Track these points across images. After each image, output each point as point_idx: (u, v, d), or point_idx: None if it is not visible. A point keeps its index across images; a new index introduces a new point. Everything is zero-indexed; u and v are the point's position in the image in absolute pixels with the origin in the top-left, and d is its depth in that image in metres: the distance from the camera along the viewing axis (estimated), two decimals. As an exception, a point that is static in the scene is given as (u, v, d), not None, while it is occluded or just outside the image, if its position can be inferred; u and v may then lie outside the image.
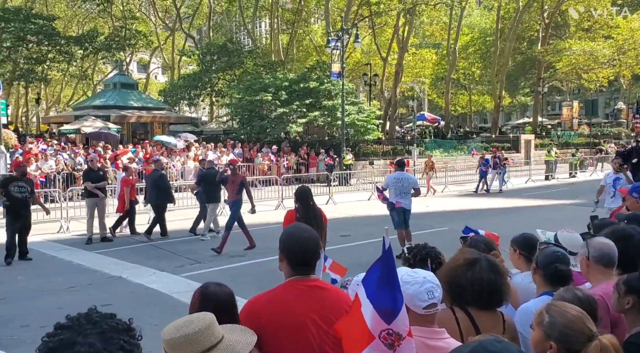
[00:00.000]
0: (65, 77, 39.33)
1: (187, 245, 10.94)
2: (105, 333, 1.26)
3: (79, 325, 1.26)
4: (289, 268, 2.54)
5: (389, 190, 9.69)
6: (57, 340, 1.21)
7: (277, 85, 25.64)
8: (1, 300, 7.35)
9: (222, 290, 2.41)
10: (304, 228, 2.64)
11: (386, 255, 2.00)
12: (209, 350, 1.84)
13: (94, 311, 1.35)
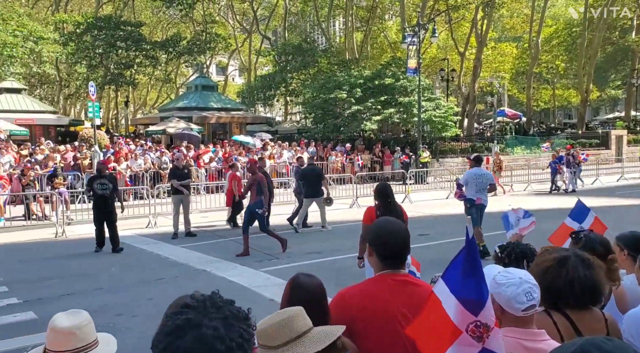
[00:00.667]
0: (151, 80, 41.59)
1: (266, 242, 11.15)
2: (228, 319, 1.26)
3: (204, 307, 1.26)
4: (379, 262, 2.49)
5: (467, 187, 9.43)
6: (184, 318, 1.22)
7: (352, 82, 25.59)
8: (97, 290, 7.84)
9: (312, 281, 2.41)
10: (394, 222, 2.58)
11: (469, 245, 1.94)
12: (298, 337, 1.87)
13: (218, 295, 1.35)
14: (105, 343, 2.01)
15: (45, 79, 34.90)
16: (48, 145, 20.98)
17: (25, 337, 5.87)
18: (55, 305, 7.07)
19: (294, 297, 2.30)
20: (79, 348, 1.90)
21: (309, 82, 33.01)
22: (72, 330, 1.89)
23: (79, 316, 1.95)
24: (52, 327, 1.90)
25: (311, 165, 13.15)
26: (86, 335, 1.92)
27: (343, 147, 24.20)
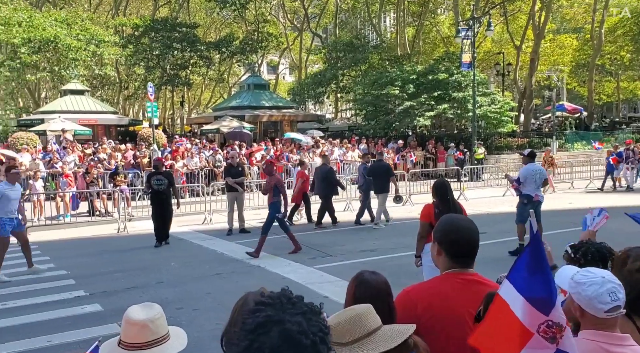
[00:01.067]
0: (204, 80, 42.56)
1: (320, 239, 11.19)
2: (307, 314, 1.25)
3: (280, 303, 1.26)
4: (448, 260, 2.41)
5: (526, 183, 9.21)
6: (264, 315, 1.22)
7: (404, 78, 25.26)
8: (159, 284, 8.08)
9: (377, 278, 2.36)
10: (464, 219, 2.49)
11: (534, 241, 1.83)
12: (368, 335, 1.83)
13: (289, 291, 1.34)
14: (176, 337, 2.03)
15: (106, 80, 36.37)
16: (110, 144, 21.85)
17: (93, 328, 6.12)
18: (120, 298, 7.36)
19: (359, 294, 2.26)
20: (152, 341, 1.93)
21: (360, 78, 32.86)
22: (145, 322, 1.92)
23: (152, 309, 1.98)
24: (127, 319, 1.94)
25: (379, 161, 13.28)
26: (159, 328, 1.95)
27: (395, 144, 23.94)
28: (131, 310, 1.97)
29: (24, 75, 29.04)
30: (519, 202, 9.41)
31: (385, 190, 12.51)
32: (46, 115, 25.62)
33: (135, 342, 1.91)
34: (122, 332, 1.96)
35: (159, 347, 1.94)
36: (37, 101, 35.07)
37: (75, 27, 29.88)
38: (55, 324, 6.29)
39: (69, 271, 8.95)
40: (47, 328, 6.15)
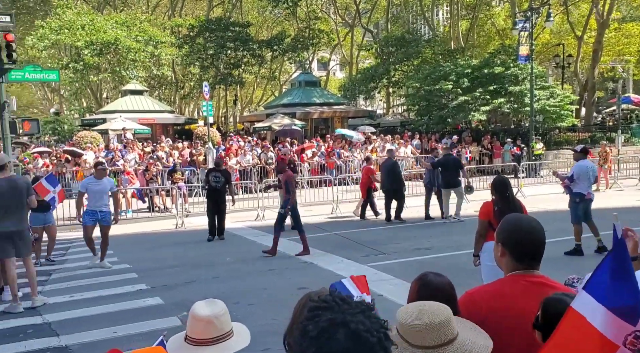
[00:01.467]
0: (256, 78, 43.18)
1: (373, 236, 11.12)
2: (365, 312, 1.25)
3: (337, 305, 1.25)
4: (512, 262, 2.31)
5: (579, 180, 8.87)
6: (326, 319, 1.21)
7: (458, 72, 24.69)
8: (215, 279, 8.28)
9: (441, 280, 2.31)
10: (529, 219, 2.39)
11: (618, 245, 1.72)
12: (443, 345, 1.74)
13: (337, 292, 1.33)
14: (240, 334, 2.06)
15: (163, 80, 37.55)
16: (167, 142, 22.55)
17: (155, 320, 6.33)
18: (179, 292, 7.58)
19: (422, 297, 2.21)
20: (216, 337, 1.96)
21: (412, 73, 32.40)
22: (210, 318, 1.96)
23: (217, 305, 2.02)
24: (193, 315, 1.98)
25: (448, 155, 13.20)
26: (223, 325, 1.98)
27: (449, 139, 23.46)
28: (197, 306, 2.01)
29: (87, 76, 30.40)
30: (571, 201, 9.07)
31: (455, 185, 12.51)
32: (108, 115, 26.73)
33: (201, 338, 1.95)
34: (188, 327, 2.00)
35: (223, 343, 1.97)
36: (99, 101, 36.65)
37: (134, 29, 30.99)
38: (119, 316, 6.55)
39: (131, 265, 9.30)
40: (111, 320, 6.41)
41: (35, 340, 5.86)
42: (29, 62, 27.11)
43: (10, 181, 6.93)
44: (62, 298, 7.39)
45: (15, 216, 6.85)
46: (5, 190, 6.76)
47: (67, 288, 7.98)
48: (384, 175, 13.03)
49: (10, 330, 6.23)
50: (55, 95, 50.49)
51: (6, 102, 13.63)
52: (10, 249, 6.88)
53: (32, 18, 35.81)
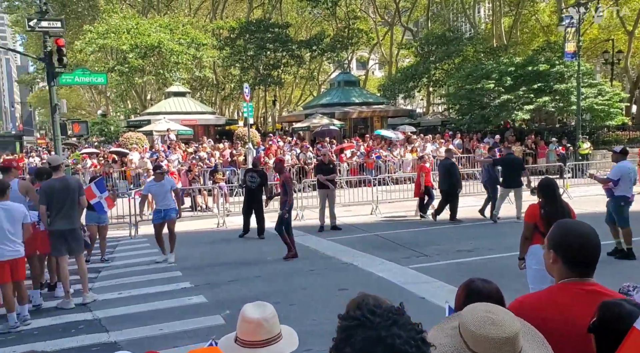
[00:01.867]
0: (295, 79, 43.44)
1: (414, 237, 11.02)
2: (398, 322, 1.24)
3: (368, 320, 1.24)
4: (565, 269, 2.25)
5: (621, 182, 8.53)
6: (361, 340, 1.21)
7: (501, 70, 24.17)
8: (257, 278, 8.38)
9: (490, 286, 2.27)
10: (583, 224, 2.31)
11: None
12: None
13: (367, 303, 1.32)
14: (289, 336, 2.08)
15: (205, 82, 38.27)
16: (209, 143, 22.98)
17: (199, 318, 6.47)
18: (222, 291, 7.72)
19: (470, 303, 2.18)
20: (266, 340, 1.99)
21: (453, 72, 31.91)
22: (260, 321, 1.99)
23: (266, 309, 2.05)
24: (243, 317, 2.02)
25: (510, 154, 13.06)
26: (273, 327, 2.01)
27: (491, 139, 22.99)
28: (246, 308, 2.05)
29: (131, 78, 31.32)
30: (615, 205, 8.64)
31: (515, 185, 12.25)
32: (152, 117, 27.46)
33: (251, 340, 1.99)
34: (238, 329, 2.04)
35: (273, 345, 2.00)
36: (143, 103, 37.67)
37: (177, 32, 31.71)
38: (165, 314, 6.72)
39: (175, 263, 9.52)
40: (158, 317, 6.59)
41: (86, 335, 6.08)
42: (77, 66, 28.12)
43: (63, 181, 7.23)
44: (110, 295, 7.64)
45: (68, 215, 7.14)
46: (58, 190, 7.05)
47: (116, 285, 8.25)
48: (441, 175, 12.98)
49: (64, 325, 6.50)
50: (102, 97, 52.23)
51: (57, 105, 14.20)
52: (64, 248, 7.17)
53: (81, 23, 37.17)
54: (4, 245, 6.24)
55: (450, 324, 1.81)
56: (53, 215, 7.07)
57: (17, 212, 6.41)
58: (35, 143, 51.96)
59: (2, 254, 6.24)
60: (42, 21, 13.68)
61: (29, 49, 46.24)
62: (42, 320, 6.69)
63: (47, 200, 7.01)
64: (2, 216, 6.27)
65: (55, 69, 13.85)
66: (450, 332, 1.75)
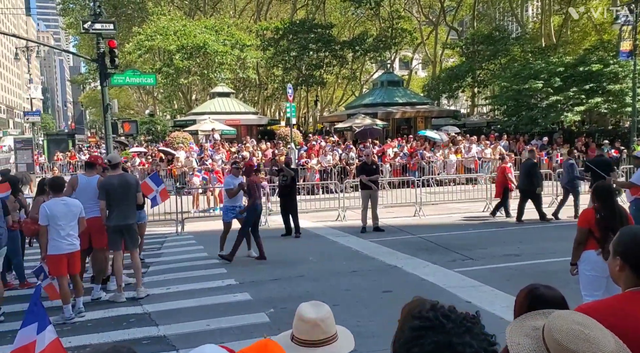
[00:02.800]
0: (337, 79, 43.47)
1: (458, 240, 10.84)
2: (471, 330, 1.21)
3: (441, 325, 1.22)
4: (633, 277, 2.17)
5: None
6: (431, 342, 1.19)
7: (550, 70, 23.48)
8: (300, 277, 8.43)
9: (553, 293, 2.21)
10: None
11: None
12: None
13: (440, 305, 1.30)
14: (345, 338, 2.08)
15: (248, 82, 38.78)
16: (252, 143, 23.27)
17: (244, 315, 6.57)
18: (266, 288, 7.81)
19: (533, 310, 2.12)
20: (322, 340, 2.00)
21: (499, 72, 31.20)
22: (317, 321, 2.00)
23: (322, 309, 2.05)
24: (300, 316, 2.03)
25: (600, 156, 12.97)
26: (329, 328, 2.02)
27: (539, 141, 22.36)
28: (303, 308, 2.06)
29: (177, 79, 32.07)
30: (637, 210, 8.42)
31: None
32: (197, 117, 28.02)
33: (308, 339, 2.00)
34: (295, 328, 2.05)
35: (329, 345, 2.01)
36: (189, 103, 38.52)
37: (222, 33, 32.26)
38: (211, 309, 6.85)
39: (220, 260, 9.69)
40: (204, 312, 6.72)
41: (137, 328, 6.27)
42: (127, 67, 29.03)
43: (121, 178, 7.49)
44: (159, 290, 7.85)
45: (126, 211, 7.40)
46: (117, 187, 7.32)
47: (164, 280, 8.46)
48: (522, 175, 12.91)
49: (116, 318, 6.72)
50: (149, 98, 53.70)
51: (109, 105, 14.68)
52: (120, 242, 7.43)
53: (130, 25, 38.33)
54: (63, 240, 6.52)
55: (530, 323, 1.75)
56: (111, 211, 7.33)
57: (75, 206, 6.71)
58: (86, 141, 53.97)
59: (62, 248, 6.53)
60: (96, 23, 14.17)
61: (81, 50, 48.12)
62: (95, 312, 6.93)
63: (107, 196, 7.28)
64: (63, 211, 6.56)
65: (108, 70, 14.33)
66: (531, 333, 1.69)
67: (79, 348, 5.54)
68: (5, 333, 6.14)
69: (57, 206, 6.56)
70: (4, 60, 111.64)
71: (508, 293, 6.83)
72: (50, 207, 6.55)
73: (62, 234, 6.50)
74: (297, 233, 11.85)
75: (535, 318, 1.78)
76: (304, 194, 16.75)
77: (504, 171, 13.35)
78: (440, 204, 15.67)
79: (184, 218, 13.38)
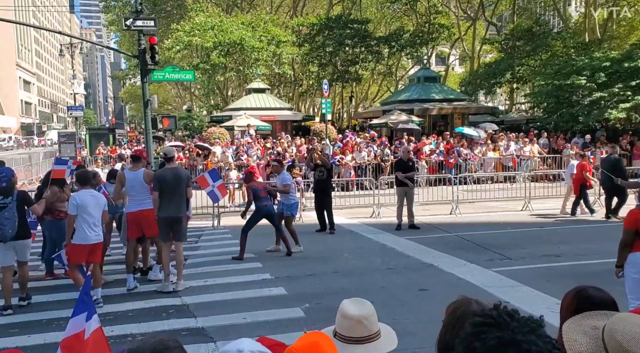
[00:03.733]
0: (373, 75, 43.18)
1: (496, 239, 10.64)
2: (536, 331, 1.19)
3: (505, 322, 1.20)
4: None
5: None
6: (494, 337, 1.17)
7: (594, 66, 22.72)
8: (335, 273, 8.45)
9: (602, 294, 2.14)
10: None
11: None
12: None
13: (503, 306, 1.28)
14: (387, 336, 2.07)
15: (283, 78, 38.95)
16: (287, 139, 23.40)
17: (279, 310, 6.63)
18: (301, 283, 7.86)
19: (581, 312, 2.06)
20: (365, 337, 2.00)
21: (540, 68, 30.40)
22: (360, 319, 2.00)
23: (365, 306, 2.05)
24: (343, 313, 2.03)
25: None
26: (372, 325, 2.01)
27: (581, 139, 21.71)
28: (346, 305, 2.06)
29: (214, 75, 32.48)
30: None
31: None
32: (233, 112, 28.34)
33: (351, 336, 2.00)
34: (338, 324, 2.06)
35: (372, 343, 2.00)
36: (225, 99, 38.98)
37: (259, 29, 32.48)
38: (247, 303, 6.93)
39: (255, 254, 9.79)
40: (241, 306, 6.81)
41: (176, 320, 6.41)
42: (165, 63, 29.56)
43: (174, 171, 7.69)
44: (196, 283, 7.99)
45: (177, 204, 7.58)
46: (169, 179, 7.51)
47: (201, 273, 8.61)
48: (607, 171, 12.54)
49: (155, 308, 6.89)
50: (186, 93, 54.64)
51: (149, 100, 15.00)
52: (168, 234, 7.61)
53: (169, 21, 39.04)
54: (91, 230, 6.84)
55: (589, 322, 1.72)
56: (162, 203, 7.52)
57: (101, 199, 7.10)
58: (126, 136, 55.39)
59: (89, 238, 6.84)
60: (137, 20, 14.47)
61: (122, 46, 49.33)
62: (135, 303, 7.12)
63: (160, 188, 7.47)
64: (92, 203, 6.88)
65: (148, 66, 14.63)
66: (589, 331, 1.66)
67: (121, 338, 5.71)
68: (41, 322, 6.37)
69: (86, 197, 6.89)
70: (50, 57, 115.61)
71: (548, 294, 6.67)
72: (80, 197, 6.86)
73: (90, 225, 6.82)
74: (332, 229, 11.85)
75: (595, 318, 1.74)
76: (338, 191, 16.75)
77: (583, 168, 13.08)
78: (477, 202, 15.41)
79: (220, 213, 13.57)
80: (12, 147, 56.71)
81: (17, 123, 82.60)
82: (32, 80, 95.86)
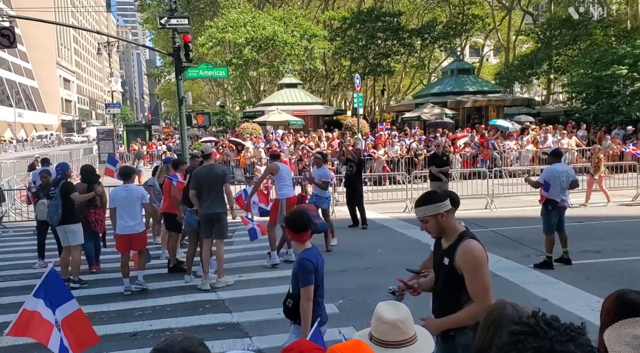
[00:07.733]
0: (405, 68, 42.73)
1: (531, 234, 10.40)
2: (575, 340, 1.16)
3: (542, 331, 1.19)
4: None
5: (550, 186, 8.02)
6: (531, 348, 1.16)
7: (636, 55, 21.91)
8: (368, 269, 8.44)
9: None
10: None
11: None
12: None
13: (542, 313, 1.26)
14: (424, 339, 2.06)
15: (315, 73, 38.95)
16: (322, 134, 23.43)
17: (313, 306, 6.66)
18: (334, 279, 7.83)
19: (623, 316, 2.01)
20: (401, 341, 1.99)
21: (579, 58, 29.49)
22: (396, 322, 1.99)
23: (400, 309, 2.05)
24: (378, 317, 2.04)
25: None
26: (408, 329, 2.01)
27: (622, 131, 21.00)
28: (381, 308, 2.06)
29: (246, 71, 32.74)
30: (542, 209, 8.19)
31: None
32: (266, 108, 28.56)
33: (386, 340, 2.00)
34: (373, 328, 2.06)
35: (408, 347, 2.00)
36: (257, 94, 39.26)
37: (291, 24, 32.53)
38: (280, 299, 6.92)
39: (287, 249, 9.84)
40: (274, 301, 6.82)
41: (212, 315, 6.53)
42: (199, 59, 29.96)
43: (210, 168, 7.83)
44: (232, 278, 8.10)
45: (214, 201, 7.70)
46: (206, 177, 7.64)
47: (236, 268, 8.74)
48: None
49: (192, 303, 7.03)
50: (219, 89, 55.26)
51: (184, 97, 15.24)
52: (209, 231, 7.72)
53: (203, 19, 39.50)
54: (125, 222, 7.39)
55: (629, 331, 1.68)
56: (202, 200, 7.67)
57: (136, 192, 7.61)
58: (161, 132, 56.51)
59: (123, 229, 7.42)
60: (171, 19, 14.70)
61: (157, 44, 50.18)
62: (173, 297, 7.28)
63: (197, 185, 7.64)
64: (125, 196, 7.42)
65: (182, 64, 14.86)
66: (631, 341, 1.62)
67: (160, 332, 5.86)
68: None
69: (119, 192, 7.50)
70: (88, 55, 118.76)
71: (588, 291, 6.52)
72: (114, 193, 7.61)
73: (124, 217, 7.37)
74: (364, 224, 11.82)
75: (635, 326, 1.70)
76: (370, 185, 16.67)
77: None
78: (513, 196, 15.11)
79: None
80: (53, 143, 58.67)
81: (58, 120, 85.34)
82: (72, 79, 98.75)
